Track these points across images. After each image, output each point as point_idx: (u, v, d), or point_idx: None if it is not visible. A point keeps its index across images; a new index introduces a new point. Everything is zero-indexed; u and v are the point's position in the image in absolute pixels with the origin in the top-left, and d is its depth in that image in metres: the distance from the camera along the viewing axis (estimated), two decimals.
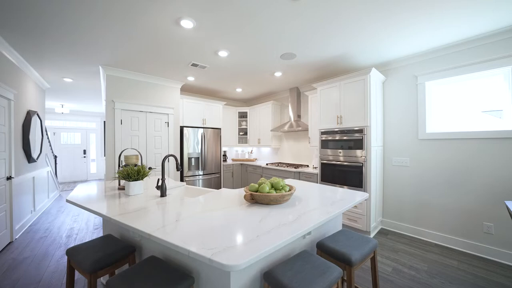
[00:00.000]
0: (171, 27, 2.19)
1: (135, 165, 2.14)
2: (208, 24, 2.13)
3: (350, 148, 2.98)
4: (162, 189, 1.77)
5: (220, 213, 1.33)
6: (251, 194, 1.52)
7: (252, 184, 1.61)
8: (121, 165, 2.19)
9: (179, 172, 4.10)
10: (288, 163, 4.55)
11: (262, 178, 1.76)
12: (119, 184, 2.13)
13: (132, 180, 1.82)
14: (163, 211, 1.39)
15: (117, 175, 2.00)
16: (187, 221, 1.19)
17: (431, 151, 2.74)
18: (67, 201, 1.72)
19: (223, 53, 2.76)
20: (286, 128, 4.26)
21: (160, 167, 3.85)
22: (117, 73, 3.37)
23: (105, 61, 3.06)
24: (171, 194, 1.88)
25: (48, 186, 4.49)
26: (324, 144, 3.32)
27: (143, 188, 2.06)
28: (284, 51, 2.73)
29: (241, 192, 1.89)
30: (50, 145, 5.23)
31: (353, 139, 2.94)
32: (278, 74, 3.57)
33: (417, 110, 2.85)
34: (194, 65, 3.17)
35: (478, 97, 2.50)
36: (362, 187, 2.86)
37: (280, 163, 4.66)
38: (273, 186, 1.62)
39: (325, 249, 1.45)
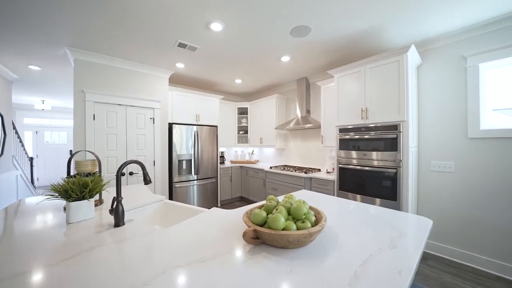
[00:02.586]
0: None
1: (88, 174, 1.52)
2: None
3: (379, 149, 2.35)
4: (117, 215, 1.14)
5: (199, 274, 0.70)
6: (254, 230, 0.90)
7: (256, 211, 0.98)
8: (71, 174, 1.56)
9: (168, 177, 3.48)
10: (295, 167, 3.92)
11: (270, 197, 1.14)
12: None
13: (74, 200, 1.19)
14: (99, 267, 0.76)
15: (51, 193, 1.38)
16: None
17: (487, 153, 2.11)
18: None
19: (216, 26, 2.13)
20: (292, 125, 3.63)
21: (143, 173, 3.23)
22: (88, 57, 2.74)
23: (71, 41, 2.43)
24: (135, 219, 1.26)
25: (17, 193, 3.88)
26: (343, 144, 2.68)
27: (95, 210, 1.42)
28: (296, 23, 2.09)
29: (239, 216, 1.26)
30: (23, 146, 4.60)
31: (383, 138, 2.31)
32: (285, 58, 2.94)
33: (467, 101, 2.22)
34: (181, 45, 2.54)
35: None
36: (395, 199, 2.23)
37: (286, 166, 4.03)
38: (290, 214, 1.00)
39: None
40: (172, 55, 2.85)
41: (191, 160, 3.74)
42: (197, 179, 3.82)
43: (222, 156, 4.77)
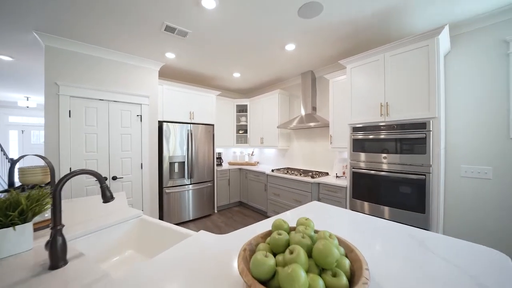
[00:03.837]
0: None
1: (34, 186, 1.15)
2: None
3: (403, 151, 1.98)
4: (53, 251, 0.78)
5: None
6: None
7: (258, 257, 0.61)
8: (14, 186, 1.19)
9: (157, 181, 3.11)
10: (300, 170, 3.55)
11: (278, 224, 0.81)
12: None
13: None
14: None
15: None
16: None
17: None
18: None
19: (209, 3, 1.76)
20: (296, 123, 3.27)
21: (131, 176, 2.86)
22: (62, 44, 2.37)
23: (39, 23, 2.05)
24: (90, 252, 0.90)
25: None
26: (358, 146, 2.32)
27: (43, 235, 1.04)
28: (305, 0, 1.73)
29: (233, 248, 0.89)
30: (0, 146, 4.23)
31: (408, 138, 1.95)
32: (290, 47, 2.57)
33: (509, 94, 1.85)
34: (169, 29, 2.16)
35: None
36: (423, 212, 1.86)
37: (289, 169, 3.67)
38: (312, 256, 0.65)
39: None
40: (160, 43, 2.47)
41: (184, 162, 3.37)
42: (191, 183, 3.45)
43: (219, 158, 4.41)
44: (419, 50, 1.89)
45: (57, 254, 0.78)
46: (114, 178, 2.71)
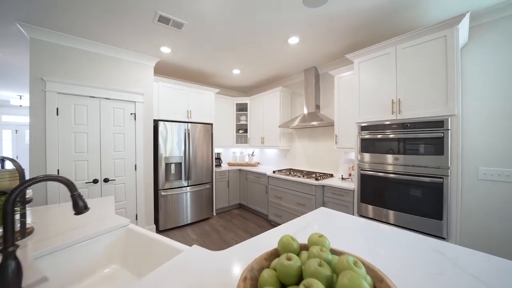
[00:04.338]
0: None
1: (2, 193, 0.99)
2: None
3: (417, 152, 1.82)
4: (3, 281, 0.61)
5: None
6: None
7: None
8: None
9: (153, 183, 2.95)
10: (303, 171, 3.39)
11: (285, 242, 0.65)
12: None
13: None
14: None
15: None
16: None
17: None
18: None
19: None
20: (298, 122, 3.11)
21: (124, 178, 2.70)
22: (49, 36, 2.21)
23: (22, 13, 1.89)
24: (57, 276, 0.74)
25: None
26: (366, 146, 2.16)
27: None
28: None
29: (232, 267, 0.73)
30: None
31: (424, 138, 1.79)
32: (293, 40, 2.40)
33: None
34: (163, 20, 2.00)
35: None
36: (440, 218, 1.70)
37: (292, 170, 3.51)
38: None
39: None
40: (154, 35, 2.31)
41: (181, 163, 3.21)
42: (188, 185, 3.29)
43: (218, 158, 4.24)
44: (436, 41, 1.72)
45: (7, 284, 0.62)
46: (106, 180, 2.55)
